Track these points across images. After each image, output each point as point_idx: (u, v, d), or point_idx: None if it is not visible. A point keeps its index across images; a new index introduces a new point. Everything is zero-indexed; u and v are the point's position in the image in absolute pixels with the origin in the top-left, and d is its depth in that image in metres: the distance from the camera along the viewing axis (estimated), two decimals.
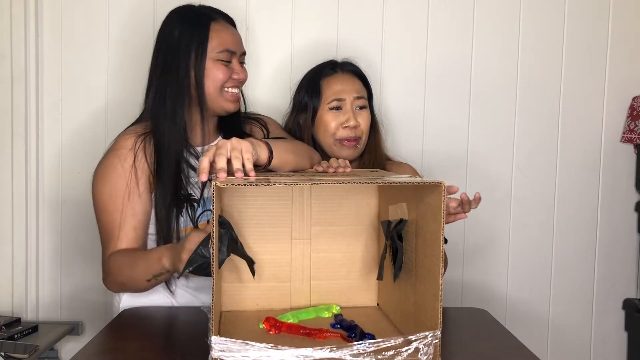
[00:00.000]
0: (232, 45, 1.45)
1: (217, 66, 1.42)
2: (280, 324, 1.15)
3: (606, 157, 2.04)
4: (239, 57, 1.48)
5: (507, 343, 1.22)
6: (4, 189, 1.96)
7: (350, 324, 1.16)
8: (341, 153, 1.54)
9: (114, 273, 1.38)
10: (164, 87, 1.43)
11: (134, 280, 1.34)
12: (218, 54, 1.42)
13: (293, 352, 0.97)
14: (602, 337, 2.08)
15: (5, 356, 1.66)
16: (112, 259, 1.38)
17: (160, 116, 1.42)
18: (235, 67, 1.46)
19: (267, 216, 1.26)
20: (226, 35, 1.45)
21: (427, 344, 1.00)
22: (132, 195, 1.38)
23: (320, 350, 0.97)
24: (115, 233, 1.38)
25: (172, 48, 1.43)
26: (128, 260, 1.35)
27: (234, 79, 1.45)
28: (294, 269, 1.28)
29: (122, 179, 1.38)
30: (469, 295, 2.00)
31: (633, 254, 2.07)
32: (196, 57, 1.41)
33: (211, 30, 1.43)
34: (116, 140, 1.46)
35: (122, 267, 1.36)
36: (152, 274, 1.28)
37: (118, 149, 1.42)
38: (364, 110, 1.58)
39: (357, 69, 1.65)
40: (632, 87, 2.02)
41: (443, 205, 0.98)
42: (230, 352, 0.96)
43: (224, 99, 1.45)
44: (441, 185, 0.99)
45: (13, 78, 1.93)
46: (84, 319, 2.00)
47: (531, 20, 1.99)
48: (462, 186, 1.99)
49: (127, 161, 1.39)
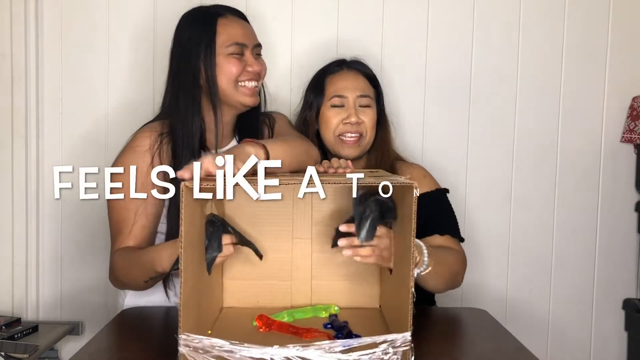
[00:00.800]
0: (242, 37, 1.44)
1: (229, 60, 1.41)
2: (272, 322, 1.16)
3: (606, 157, 2.04)
4: (252, 49, 1.46)
5: (507, 343, 1.22)
6: (4, 189, 1.96)
7: (340, 325, 1.16)
8: (344, 151, 1.53)
9: (116, 271, 1.39)
10: (177, 89, 1.44)
11: (132, 280, 1.35)
12: (227, 47, 1.42)
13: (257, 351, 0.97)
14: (602, 337, 2.07)
15: (5, 356, 1.66)
16: (116, 255, 1.39)
17: (176, 117, 1.42)
18: (248, 59, 1.44)
19: (268, 215, 1.26)
20: (234, 29, 1.44)
21: (396, 346, 0.99)
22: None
23: (286, 348, 0.97)
24: (124, 229, 1.38)
25: (184, 49, 1.44)
26: (128, 259, 1.35)
27: (248, 72, 1.44)
28: (294, 268, 1.29)
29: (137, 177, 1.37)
30: (469, 296, 2.00)
31: (633, 254, 2.06)
32: (206, 55, 1.40)
33: (218, 26, 1.42)
34: (134, 137, 1.45)
35: (123, 265, 1.37)
36: (149, 276, 1.28)
37: (136, 146, 1.41)
38: (368, 109, 1.56)
39: (364, 68, 1.62)
40: (632, 87, 2.02)
41: (414, 207, 0.98)
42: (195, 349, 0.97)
43: (241, 93, 1.43)
44: (412, 185, 0.99)
45: (13, 78, 1.93)
46: (84, 319, 2.00)
47: (531, 20, 1.99)
48: (462, 186, 2.01)
49: (144, 160, 1.38)
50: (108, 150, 1.97)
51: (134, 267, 1.32)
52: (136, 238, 1.38)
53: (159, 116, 1.50)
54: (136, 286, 1.36)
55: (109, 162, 1.95)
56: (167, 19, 1.95)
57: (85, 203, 1.94)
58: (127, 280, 1.37)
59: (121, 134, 1.94)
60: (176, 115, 1.42)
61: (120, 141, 1.93)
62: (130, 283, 1.37)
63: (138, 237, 1.38)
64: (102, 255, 1.98)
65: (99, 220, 1.87)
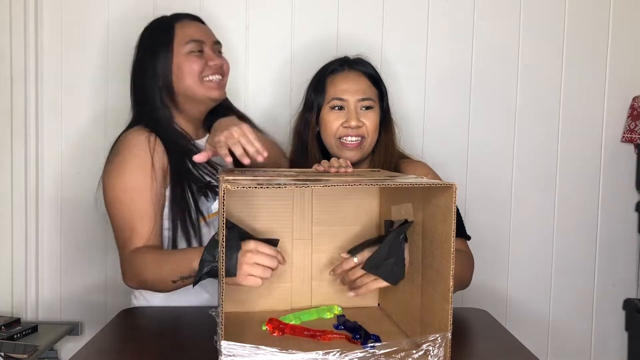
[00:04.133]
0: (198, 35, 1.49)
1: (189, 59, 1.46)
2: (284, 326, 1.14)
3: (606, 157, 2.04)
4: (212, 46, 1.51)
5: (507, 343, 1.22)
6: (4, 189, 1.96)
7: (354, 325, 1.16)
8: (344, 154, 1.47)
9: (138, 270, 1.33)
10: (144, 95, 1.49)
11: (160, 280, 1.29)
12: (185, 45, 1.47)
13: (303, 356, 0.97)
14: (602, 337, 2.07)
15: (5, 356, 1.66)
16: (137, 255, 1.34)
17: (153, 120, 1.46)
18: (208, 55, 1.49)
19: (268, 216, 1.26)
20: (190, 28, 1.50)
21: (437, 346, 1.00)
22: (152, 192, 1.37)
23: (330, 353, 0.97)
24: (136, 228, 1.35)
25: (144, 56, 1.50)
26: (155, 258, 1.32)
27: (210, 66, 1.48)
28: (294, 269, 1.28)
29: (141, 176, 1.37)
30: (469, 296, 2.00)
31: (633, 254, 2.06)
32: (165, 58, 1.46)
33: (175, 29, 1.49)
34: (125, 139, 1.44)
35: (148, 264, 1.31)
36: (180, 276, 1.25)
37: (132, 146, 1.41)
38: (370, 111, 1.49)
39: (366, 68, 1.55)
40: (632, 87, 2.02)
41: (454, 207, 0.97)
42: (240, 357, 0.96)
43: (206, 87, 1.48)
44: (452, 186, 0.98)
45: (13, 78, 1.93)
46: (83, 319, 2.00)
47: (531, 20, 1.99)
48: (462, 186, 2.01)
49: (143, 159, 1.38)
50: (108, 150, 1.96)
51: (165, 266, 1.28)
52: (150, 236, 1.36)
53: (135, 121, 1.51)
54: (162, 286, 1.30)
55: None
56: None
57: (85, 203, 1.95)
58: (153, 279, 1.31)
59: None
60: (152, 116, 1.47)
61: None
62: (156, 283, 1.31)
63: (151, 234, 1.36)
64: (102, 255, 1.99)
65: (99, 221, 1.87)
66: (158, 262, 1.30)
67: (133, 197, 1.37)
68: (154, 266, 1.30)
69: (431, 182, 1.02)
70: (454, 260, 0.98)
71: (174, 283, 1.27)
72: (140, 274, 1.33)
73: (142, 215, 1.36)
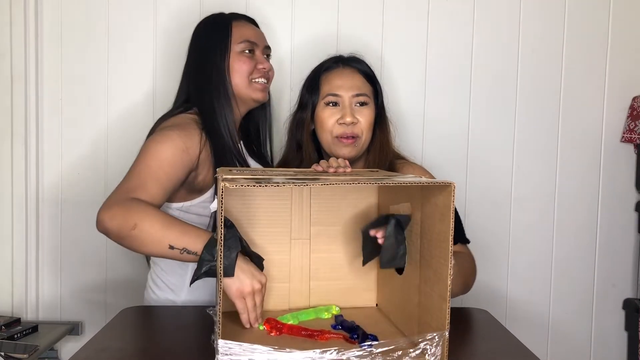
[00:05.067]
0: (253, 37, 1.54)
1: (240, 58, 1.51)
2: (282, 326, 1.15)
3: (606, 157, 2.04)
4: (262, 50, 1.57)
5: (507, 343, 1.22)
6: (4, 189, 1.96)
7: (352, 325, 1.16)
8: (339, 151, 1.47)
9: (126, 210, 1.21)
10: (201, 88, 1.50)
11: (150, 235, 1.18)
12: (239, 44, 1.51)
13: (300, 355, 0.97)
14: (602, 337, 2.07)
15: (5, 356, 1.66)
16: (136, 201, 1.24)
17: (209, 115, 1.47)
18: (258, 58, 1.54)
19: (266, 216, 1.26)
20: (246, 29, 1.55)
21: (434, 345, 1.00)
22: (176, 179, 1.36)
23: (327, 352, 0.97)
24: (147, 186, 1.28)
25: (202, 51, 1.53)
26: (161, 216, 1.22)
27: (259, 69, 1.53)
28: (293, 269, 1.28)
29: (179, 160, 1.36)
30: (469, 295, 1.99)
31: (633, 254, 2.06)
32: (221, 54, 1.50)
33: (233, 27, 1.53)
34: (187, 125, 1.42)
35: (149, 214, 1.20)
36: (184, 247, 1.16)
37: (186, 135, 1.39)
38: (365, 108, 1.49)
39: (361, 65, 1.55)
40: (632, 87, 2.02)
41: (452, 206, 0.97)
42: (237, 356, 0.96)
43: (252, 89, 1.52)
44: (451, 185, 0.98)
45: (13, 78, 1.93)
46: (83, 319, 2.00)
47: (531, 20, 1.99)
48: (462, 186, 2.01)
49: (185, 142, 1.37)
50: (108, 150, 1.97)
51: (172, 228, 1.19)
52: (155, 199, 1.29)
53: (184, 109, 1.51)
54: (147, 244, 1.19)
55: (108, 163, 1.97)
56: (167, 19, 1.96)
57: (85, 203, 1.95)
58: (141, 229, 1.18)
59: (121, 134, 1.96)
60: (209, 112, 1.48)
61: (121, 140, 1.96)
62: (141, 235, 1.19)
63: (157, 199, 1.29)
64: (102, 255, 1.99)
65: None
66: (162, 220, 1.20)
67: (162, 165, 1.33)
68: (152, 220, 1.19)
69: (429, 181, 1.02)
70: (452, 262, 0.98)
71: (170, 249, 1.17)
72: (124, 215, 1.20)
73: (158, 182, 1.31)
